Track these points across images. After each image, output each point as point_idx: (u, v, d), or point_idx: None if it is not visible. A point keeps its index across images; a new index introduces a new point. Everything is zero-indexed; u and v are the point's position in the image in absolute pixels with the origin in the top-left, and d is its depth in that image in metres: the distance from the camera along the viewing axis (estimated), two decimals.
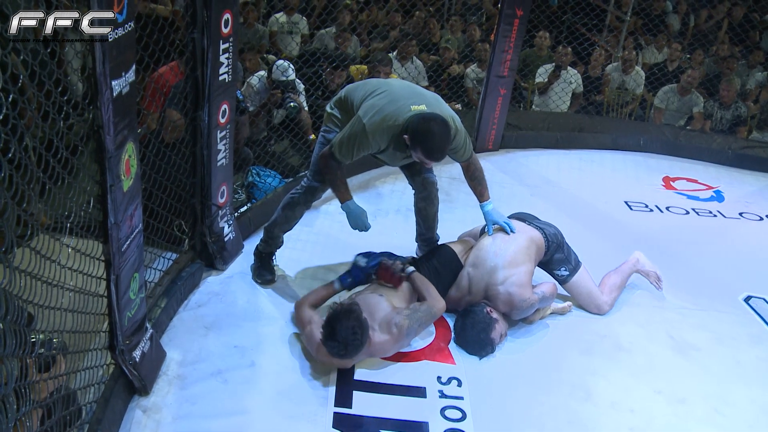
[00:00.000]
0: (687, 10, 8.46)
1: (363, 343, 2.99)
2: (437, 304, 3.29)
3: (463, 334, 3.36)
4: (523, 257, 3.47)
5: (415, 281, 3.36)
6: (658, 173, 6.24)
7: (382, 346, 3.10)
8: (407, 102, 3.23)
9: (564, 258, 3.70)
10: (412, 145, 3.16)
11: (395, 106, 3.21)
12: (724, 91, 6.83)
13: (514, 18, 5.67)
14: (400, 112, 3.19)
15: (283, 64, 4.87)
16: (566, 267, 3.70)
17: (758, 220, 5.41)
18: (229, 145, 3.71)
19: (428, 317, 3.24)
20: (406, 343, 3.22)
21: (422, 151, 3.15)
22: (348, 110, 3.42)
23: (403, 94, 3.28)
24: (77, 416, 2.39)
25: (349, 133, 3.25)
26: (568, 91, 6.99)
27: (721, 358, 3.53)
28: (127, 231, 2.56)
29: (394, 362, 3.22)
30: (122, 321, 2.65)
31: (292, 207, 3.66)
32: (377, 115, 3.20)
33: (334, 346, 2.96)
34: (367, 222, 3.45)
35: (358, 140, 3.23)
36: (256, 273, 3.80)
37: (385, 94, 3.28)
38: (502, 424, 2.95)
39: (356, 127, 3.23)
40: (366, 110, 3.23)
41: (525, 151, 6.35)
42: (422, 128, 3.12)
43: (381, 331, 3.10)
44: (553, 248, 3.65)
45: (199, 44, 3.26)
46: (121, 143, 2.39)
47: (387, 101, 3.23)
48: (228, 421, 2.79)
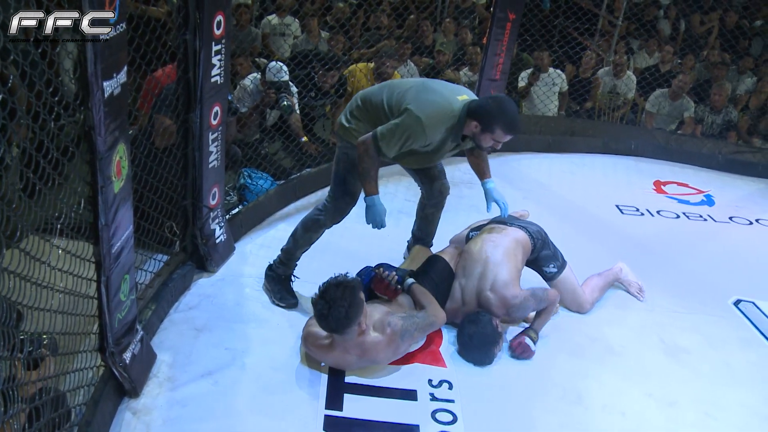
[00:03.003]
0: (677, 16, 8.50)
1: (348, 318, 2.91)
2: (438, 313, 3.27)
3: (470, 345, 3.31)
4: (510, 257, 3.47)
5: (415, 293, 3.33)
6: (649, 177, 6.27)
7: (375, 346, 3.05)
8: (452, 94, 3.21)
9: (551, 255, 3.72)
10: (486, 126, 3.13)
11: (443, 98, 3.17)
12: (716, 95, 6.87)
13: (507, 21, 5.69)
14: (452, 103, 3.16)
15: (276, 65, 4.86)
16: (554, 264, 3.72)
17: (748, 225, 5.44)
18: (221, 147, 3.70)
19: (427, 325, 3.20)
20: (403, 348, 3.16)
21: (503, 128, 3.12)
22: (377, 113, 3.27)
23: (443, 88, 3.25)
24: (66, 418, 2.37)
25: (400, 125, 3.12)
26: (553, 92, 6.96)
27: (712, 362, 3.54)
28: (117, 233, 2.55)
29: (385, 365, 3.21)
30: (112, 323, 2.64)
31: (317, 228, 3.54)
32: (432, 108, 3.12)
33: (319, 303, 2.93)
34: (385, 220, 3.33)
35: (411, 132, 3.11)
36: (277, 297, 3.62)
37: (426, 89, 3.20)
38: (493, 427, 2.94)
39: (409, 120, 3.10)
40: (417, 104, 3.11)
41: (517, 154, 6.36)
42: (495, 107, 3.12)
43: (375, 331, 3.07)
44: (539, 245, 3.67)
45: (192, 46, 3.26)
46: (112, 144, 2.38)
47: (434, 95, 3.17)
48: (218, 423, 2.77)
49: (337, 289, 2.92)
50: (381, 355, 3.10)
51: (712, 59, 7.73)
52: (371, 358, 3.09)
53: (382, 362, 3.14)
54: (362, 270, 3.45)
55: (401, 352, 3.18)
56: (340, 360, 3.09)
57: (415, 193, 4.94)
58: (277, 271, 3.66)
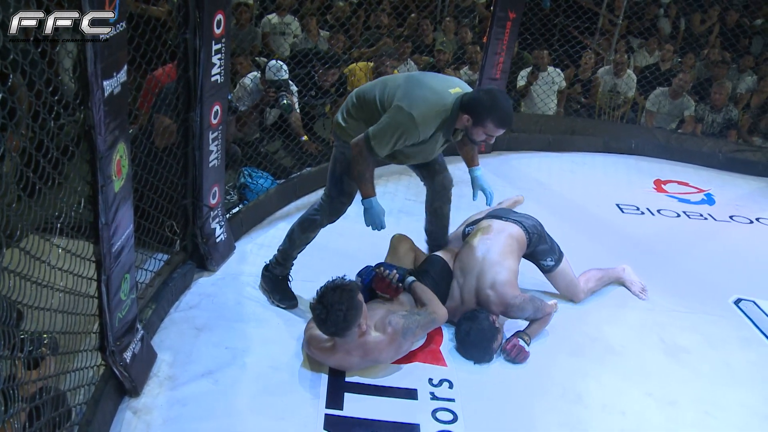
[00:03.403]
0: (678, 14, 8.50)
1: (347, 321, 2.91)
2: (439, 311, 3.27)
3: (467, 341, 3.31)
4: (507, 255, 3.48)
5: (416, 291, 3.33)
6: (649, 176, 6.27)
7: (377, 346, 3.04)
8: (444, 87, 3.15)
9: (549, 248, 3.74)
10: (478, 120, 3.07)
11: (434, 92, 3.10)
12: (716, 94, 6.86)
13: (507, 21, 5.68)
14: (444, 97, 3.10)
15: (276, 64, 4.86)
16: (552, 257, 3.75)
17: (748, 223, 5.44)
18: (221, 146, 3.70)
19: (428, 322, 3.20)
20: (405, 347, 3.15)
21: (494, 121, 3.07)
22: (370, 110, 3.22)
23: (434, 81, 3.18)
24: (67, 418, 2.37)
25: (392, 123, 3.05)
26: (553, 90, 6.94)
27: (712, 361, 3.54)
28: (118, 232, 2.55)
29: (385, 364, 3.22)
30: (113, 322, 2.64)
31: (314, 228, 3.52)
32: (423, 104, 3.05)
33: (317, 308, 2.93)
34: (384, 221, 3.29)
35: (402, 130, 3.05)
36: (277, 298, 3.60)
37: (417, 84, 3.13)
38: (493, 426, 2.94)
39: (400, 118, 3.04)
40: (408, 100, 3.05)
41: (517, 153, 6.37)
42: (487, 100, 3.06)
43: (376, 330, 3.06)
44: (535, 239, 3.67)
45: (192, 45, 3.26)
46: (112, 144, 2.38)
47: (425, 90, 3.10)
48: (218, 423, 2.78)
49: (335, 293, 2.92)
50: (384, 355, 3.09)
51: (712, 58, 7.72)
52: (374, 358, 3.08)
53: (385, 362, 3.14)
54: (363, 270, 3.45)
55: (404, 351, 3.17)
56: (343, 362, 3.09)
57: (416, 191, 4.97)
58: (273, 271, 3.64)
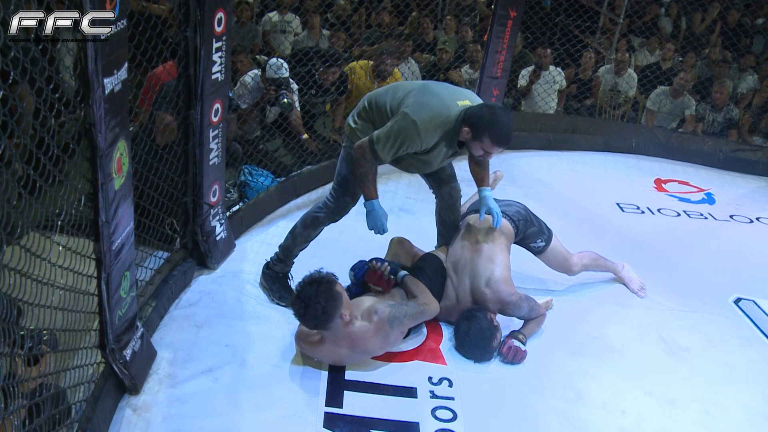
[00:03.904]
0: (679, 13, 8.50)
1: (327, 313, 2.91)
2: (429, 302, 3.28)
3: (467, 341, 3.31)
4: (498, 251, 3.49)
5: (407, 284, 3.34)
6: (649, 175, 6.27)
7: (364, 335, 3.04)
8: (452, 98, 3.18)
9: (537, 230, 3.77)
10: (476, 135, 3.09)
11: (442, 102, 3.14)
12: (717, 93, 6.86)
13: (508, 19, 5.68)
14: (450, 108, 3.13)
15: (277, 62, 4.86)
16: (541, 238, 3.78)
17: (748, 223, 5.44)
18: (222, 144, 3.70)
19: (417, 313, 3.20)
20: (393, 337, 3.14)
21: (491, 139, 3.08)
22: (380, 115, 3.26)
23: (445, 92, 3.21)
24: (67, 415, 2.37)
25: (396, 129, 3.09)
26: (554, 90, 6.94)
27: (712, 360, 3.55)
28: (118, 229, 2.55)
29: (385, 362, 3.22)
30: (113, 319, 2.64)
31: (316, 226, 3.55)
32: (427, 112, 3.08)
33: (296, 303, 2.96)
34: (386, 224, 3.32)
35: (405, 137, 3.09)
36: (277, 296, 3.61)
37: (425, 92, 3.17)
38: (493, 424, 2.95)
39: (404, 124, 3.08)
40: (413, 108, 3.09)
41: (517, 152, 6.37)
42: (488, 116, 3.07)
43: (363, 319, 3.07)
44: (522, 226, 3.69)
45: (192, 43, 3.26)
46: (112, 141, 2.38)
47: (432, 99, 3.13)
48: (218, 420, 2.78)
49: (311, 287, 2.94)
50: (371, 344, 3.08)
51: (713, 57, 7.72)
52: (362, 348, 3.08)
53: (375, 352, 3.14)
54: (356, 264, 3.48)
55: (393, 341, 3.17)
56: (332, 354, 3.09)
57: (416, 190, 4.97)
58: (274, 268, 3.66)
